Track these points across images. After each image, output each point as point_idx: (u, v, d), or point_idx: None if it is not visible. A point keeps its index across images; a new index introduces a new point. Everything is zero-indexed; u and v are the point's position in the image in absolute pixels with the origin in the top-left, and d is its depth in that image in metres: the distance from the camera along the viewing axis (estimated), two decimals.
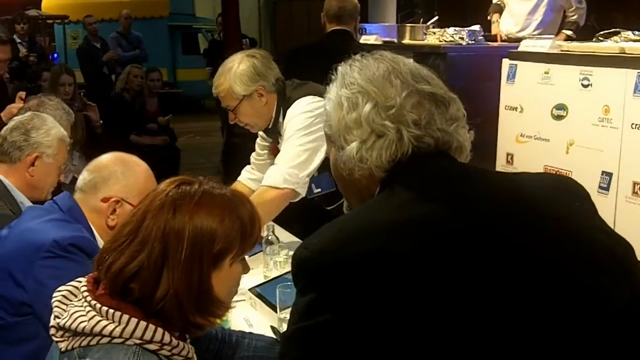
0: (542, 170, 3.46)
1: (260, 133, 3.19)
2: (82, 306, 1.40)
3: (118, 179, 2.10)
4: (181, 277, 1.37)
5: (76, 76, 6.62)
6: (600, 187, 3.15)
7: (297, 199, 2.88)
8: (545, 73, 3.56)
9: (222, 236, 1.40)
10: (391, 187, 1.26)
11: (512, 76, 3.76)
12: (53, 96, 3.86)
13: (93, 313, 1.37)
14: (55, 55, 12.44)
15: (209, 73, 10.67)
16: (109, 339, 1.35)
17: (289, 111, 2.91)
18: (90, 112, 6.08)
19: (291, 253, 2.81)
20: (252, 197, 2.73)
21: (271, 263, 2.77)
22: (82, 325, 1.36)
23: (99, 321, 1.36)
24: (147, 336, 1.36)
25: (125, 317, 1.36)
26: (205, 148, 10.25)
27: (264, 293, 2.48)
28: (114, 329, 1.35)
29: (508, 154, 3.73)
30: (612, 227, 3.06)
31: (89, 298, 1.40)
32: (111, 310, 1.36)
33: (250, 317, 2.43)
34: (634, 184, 2.99)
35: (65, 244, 1.97)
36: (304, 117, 2.85)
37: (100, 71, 9.51)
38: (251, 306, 2.52)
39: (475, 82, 4.40)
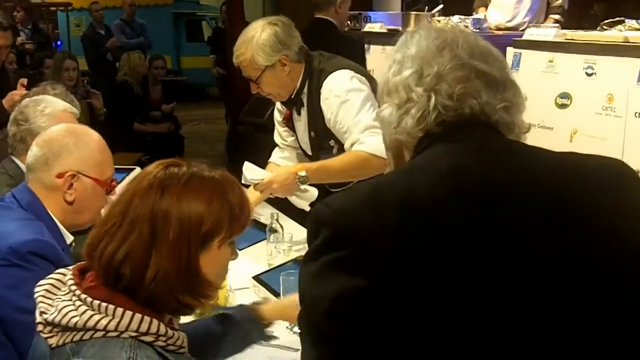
0: None
1: (278, 106, 3.15)
2: (70, 300, 1.37)
3: (70, 151, 2.01)
4: (170, 258, 1.37)
5: (80, 64, 6.63)
6: None
7: None
8: (549, 62, 3.56)
9: (210, 218, 1.40)
10: (423, 155, 1.24)
11: (516, 64, 3.75)
12: (58, 85, 3.83)
13: (84, 307, 1.35)
14: (59, 42, 12.43)
15: (213, 61, 10.67)
16: (103, 332, 1.34)
17: (327, 83, 2.85)
18: (94, 100, 6.10)
19: (295, 240, 2.87)
20: (348, 159, 2.77)
21: (275, 251, 2.78)
22: (74, 320, 1.33)
23: (92, 315, 1.34)
24: (143, 328, 1.35)
25: (120, 310, 1.35)
26: (210, 136, 10.26)
27: (267, 281, 2.50)
28: (108, 323, 1.34)
29: None
30: None
31: (77, 291, 1.37)
32: (104, 304, 1.34)
33: None
34: (637, 172, 2.99)
35: (24, 251, 1.85)
36: (357, 95, 2.81)
37: (104, 58, 9.51)
38: (255, 294, 2.53)
39: None
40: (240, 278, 2.62)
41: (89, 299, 1.36)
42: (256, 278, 2.54)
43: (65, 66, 6.08)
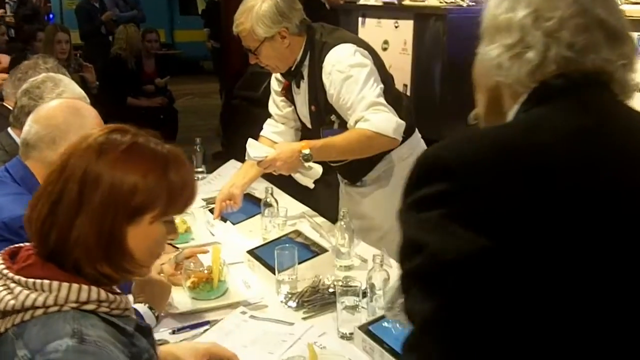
0: None
1: (277, 75, 3.10)
2: (4, 285, 1.34)
3: (77, 130, 1.95)
4: (92, 223, 1.33)
5: (73, 37, 6.57)
6: None
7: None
8: None
9: (143, 191, 1.36)
10: (530, 109, 1.16)
11: None
12: (50, 58, 3.79)
13: (20, 288, 1.32)
14: (51, 15, 12.31)
15: (207, 34, 10.57)
16: (43, 310, 1.31)
17: (330, 57, 2.79)
18: (86, 73, 6.04)
19: (290, 215, 2.86)
20: (353, 137, 2.73)
21: (269, 225, 2.77)
22: (11, 303, 1.30)
23: (28, 295, 1.30)
24: (82, 297, 1.33)
25: (56, 283, 1.32)
26: (204, 110, 10.21)
27: (262, 255, 2.49)
28: (46, 298, 1.30)
29: None
30: None
31: (10, 274, 1.34)
32: (38, 281, 1.31)
33: (248, 279, 2.44)
34: None
35: (16, 226, 1.80)
36: (360, 70, 2.75)
37: (98, 31, 9.41)
38: (249, 268, 2.53)
39: (476, 44, 4.37)
40: (235, 252, 2.62)
41: (23, 279, 1.32)
42: (250, 252, 2.54)
43: (57, 39, 6.02)
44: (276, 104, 3.19)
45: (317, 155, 2.77)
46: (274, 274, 2.31)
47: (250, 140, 2.88)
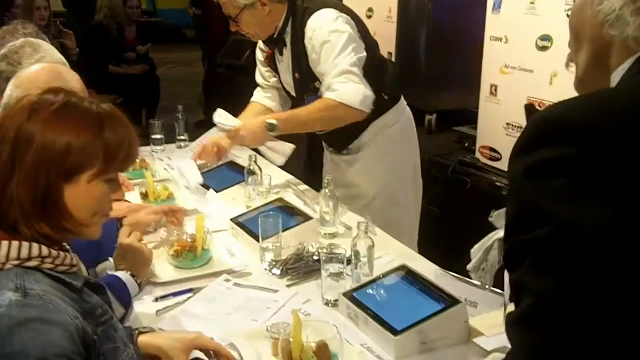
0: (525, 102, 3.45)
1: (260, 45, 3.07)
2: None
3: None
4: (25, 184, 1.33)
5: (54, 4, 6.46)
6: None
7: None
8: (530, 3, 3.51)
9: (76, 150, 1.35)
10: None
11: (497, 6, 3.70)
12: (28, 23, 3.71)
13: None
14: None
15: (188, 1, 10.43)
16: None
17: (312, 22, 2.76)
18: (66, 40, 5.95)
19: (274, 183, 2.84)
20: (318, 107, 2.70)
21: (253, 193, 2.75)
22: None
23: None
24: (24, 254, 1.33)
25: None
26: (187, 78, 10.12)
27: (246, 223, 2.47)
28: None
29: (492, 85, 3.70)
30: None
31: None
32: None
33: (232, 246, 2.43)
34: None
35: None
36: (339, 36, 2.72)
37: None
38: (233, 236, 2.51)
39: (460, 12, 4.34)
40: (218, 220, 2.60)
41: None
42: (234, 220, 2.52)
43: (36, 5, 5.91)
44: (262, 74, 3.17)
45: (283, 127, 2.74)
46: (258, 241, 2.30)
47: (218, 110, 2.88)
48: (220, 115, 2.84)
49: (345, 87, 2.66)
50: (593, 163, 0.97)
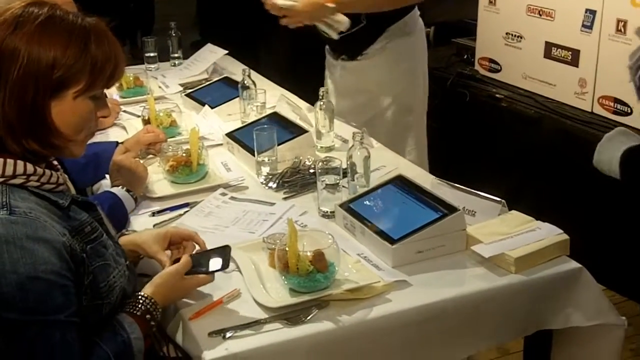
0: (524, 10, 3.37)
1: None
2: None
3: None
4: (11, 99, 1.31)
5: None
6: (583, 25, 3.07)
7: None
8: None
9: (63, 65, 1.32)
10: None
11: None
12: None
13: None
14: None
15: None
16: None
17: None
18: None
19: (269, 96, 2.79)
20: None
21: (248, 108, 2.71)
22: None
23: None
24: (8, 171, 1.33)
25: None
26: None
27: (241, 137, 2.45)
28: None
29: None
30: (595, 66, 3.05)
31: None
32: None
33: (228, 161, 2.42)
34: (618, 21, 2.92)
35: None
36: None
37: None
38: (229, 151, 2.49)
39: None
40: (214, 136, 2.58)
41: None
42: (229, 135, 2.50)
43: None
44: None
45: (340, 8, 2.69)
46: (254, 156, 2.28)
47: None
48: None
49: None
50: None
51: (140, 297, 1.50)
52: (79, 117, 1.38)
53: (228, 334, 1.51)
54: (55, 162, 1.48)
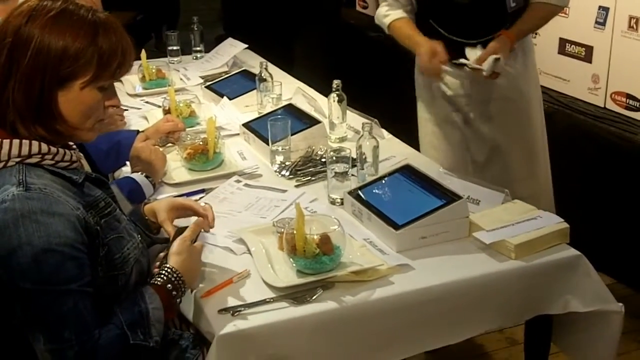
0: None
1: None
2: None
3: None
4: (20, 88, 1.38)
5: None
6: (596, 22, 3.11)
7: None
8: None
9: (71, 57, 1.39)
10: None
11: None
12: None
13: None
14: None
15: None
16: None
17: None
18: None
19: (285, 88, 2.86)
20: (541, 17, 2.54)
21: (264, 100, 2.79)
22: None
23: None
24: (24, 152, 1.40)
25: None
26: None
27: (256, 128, 2.52)
28: None
29: None
30: (608, 62, 3.09)
31: None
32: None
33: (243, 151, 2.49)
34: (630, 18, 2.95)
35: None
36: None
37: None
38: (245, 140, 2.57)
39: None
40: (232, 126, 2.67)
41: None
42: (245, 125, 2.58)
43: None
44: None
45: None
46: (269, 145, 2.35)
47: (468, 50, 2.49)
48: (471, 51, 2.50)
49: None
50: None
51: (164, 268, 1.55)
52: (85, 106, 1.44)
53: (237, 312, 1.59)
54: (71, 143, 1.55)
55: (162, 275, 1.54)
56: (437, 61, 2.46)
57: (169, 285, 1.53)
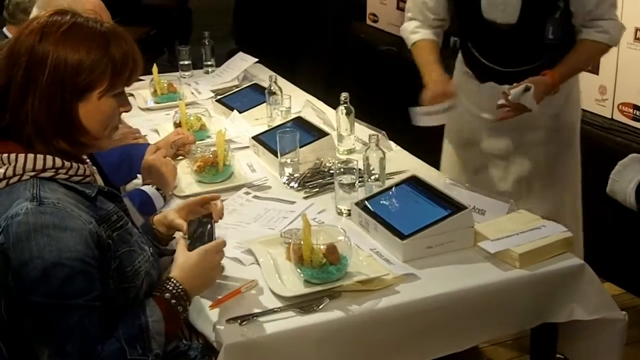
0: None
1: None
2: None
3: None
4: (40, 106, 1.41)
5: None
6: None
7: None
8: None
9: (87, 69, 1.43)
10: None
11: None
12: None
13: None
14: None
15: None
16: (5, 182, 1.43)
17: None
18: None
19: (294, 101, 2.90)
20: (590, 54, 2.45)
21: (274, 113, 2.83)
22: None
23: None
24: (39, 166, 1.43)
25: (13, 155, 1.43)
26: (218, 8, 10.08)
27: (266, 140, 2.56)
28: (6, 170, 1.42)
29: None
30: (615, 73, 3.10)
31: None
32: None
33: (253, 163, 2.53)
34: (636, 30, 2.97)
35: None
36: None
37: None
38: (254, 153, 2.61)
39: None
40: (241, 138, 2.70)
41: None
42: (255, 138, 2.61)
43: None
44: (428, 7, 2.58)
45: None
46: (277, 157, 2.39)
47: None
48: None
49: (614, 26, 2.40)
50: None
51: (167, 280, 1.57)
52: (104, 115, 1.49)
53: (244, 321, 1.61)
54: (84, 156, 1.59)
55: (163, 286, 1.55)
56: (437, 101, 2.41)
57: (167, 294, 1.54)
